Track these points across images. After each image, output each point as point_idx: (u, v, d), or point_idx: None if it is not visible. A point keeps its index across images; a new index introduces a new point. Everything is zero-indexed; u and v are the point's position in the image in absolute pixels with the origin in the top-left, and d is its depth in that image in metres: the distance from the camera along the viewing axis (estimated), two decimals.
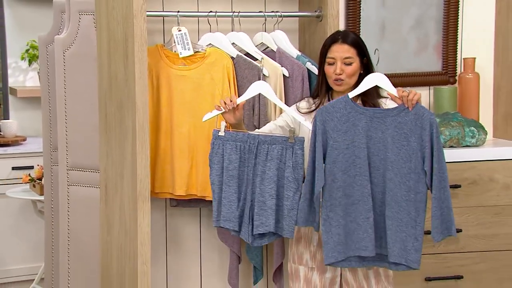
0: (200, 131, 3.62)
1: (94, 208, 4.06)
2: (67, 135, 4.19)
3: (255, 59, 3.68)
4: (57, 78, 4.18)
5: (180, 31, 3.63)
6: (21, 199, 5.44)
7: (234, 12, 3.69)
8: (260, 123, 3.62)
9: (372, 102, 3.33)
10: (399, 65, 4.35)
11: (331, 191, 3.21)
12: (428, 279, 4.02)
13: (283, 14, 3.75)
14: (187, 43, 3.63)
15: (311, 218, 3.25)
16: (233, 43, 3.71)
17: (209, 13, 3.66)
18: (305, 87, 3.67)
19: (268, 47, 3.77)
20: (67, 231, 4.23)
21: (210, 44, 3.69)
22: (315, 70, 3.66)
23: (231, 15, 3.68)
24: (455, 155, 4.01)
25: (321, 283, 3.43)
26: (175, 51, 3.64)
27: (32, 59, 5.92)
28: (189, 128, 3.62)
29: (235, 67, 3.65)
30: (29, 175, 5.29)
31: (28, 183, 5.29)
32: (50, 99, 4.39)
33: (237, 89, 3.65)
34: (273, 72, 3.65)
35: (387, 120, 3.21)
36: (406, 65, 4.37)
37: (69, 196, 4.22)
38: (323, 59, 3.37)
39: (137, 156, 3.45)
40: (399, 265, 3.24)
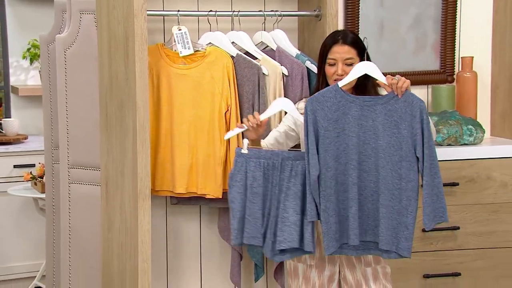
0: (200, 129, 3.63)
1: (95, 206, 4.07)
2: (68, 134, 4.20)
3: (255, 58, 3.69)
4: (58, 77, 4.18)
5: (180, 30, 3.64)
6: (23, 197, 5.45)
7: (234, 11, 3.70)
8: None
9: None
10: (397, 64, 4.34)
11: (325, 181, 3.18)
12: (426, 276, 4.03)
13: (282, 13, 3.76)
14: (187, 42, 3.64)
15: (314, 211, 3.22)
16: (233, 42, 3.72)
17: (209, 12, 3.67)
18: (305, 85, 3.68)
19: (267, 46, 3.77)
20: (68, 228, 4.23)
21: (210, 43, 3.69)
22: (314, 68, 3.67)
23: (231, 14, 3.69)
24: (453, 153, 4.02)
25: (319, 281, 3.43)
26: (175, 50, 3.64)
27: (33, 58, 5.91)
28: (189, 126, 3.63)
29: (235, 66, 3.66)
30: (31, 173, 5.29)
31: (29, 181, 5.27)
32: (51, 98, 4.38)
33: (237, 87, 3.66)
34: (272, 71, 3.66)
35: (377, 108, 3.19)
36: (404, 64, 4.37)
37: (70, 194, 4.22)
38: (323, 59, 3.36)
39: (137, 154, 3.46)
40: (390, 253, 3.22)
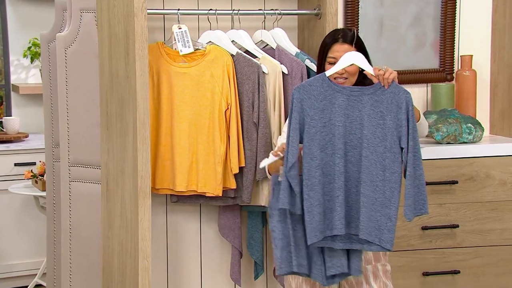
0: (200, 127, 3.63)
1: (95, 203, 4.08)
2: (68, 132, 4.21)
3: (255, 57, 3.70)
4: (58, 75, 4.19)
5: (180, 28, 3.65)
6: (24, 195, 5.46)
7: (233, 10, 3.70)
8: (259, 119, 3.63)
9: None
10: (397, 63, 4.33)
11: (310, 170, 3.16)
12: (425, 274, 4.03)
13: (282, 12, 3.76)
14: (187, 40, 3.65)
15: (292, 200, 3.17)
16: (233, 41, 3.72)
17: (209, 11, 3.68)
18: None
19: (267, 45, 3.78)
20: (69, 226, 4.24)
21: (210, 41, 3.70)
22: (314, 67, 3.67)
23: (231, 13, 3.70)
24: (452, 151, 4.03)
25: None
26: (176, 49, 3.65)
27: (34, 56, 5.92)
28: (190, 124, 3.64)
29: (235, 65, 3.66)
30: (31, 171, 5.29)
31: (30, 179, 5.28)
32: (52, 96, 4.39)
33: (237, 86, 3.67)
34: (272, 69, 3.67)
35: (364, 98, 3.17)
36: (404, 63, 4.37)
37: (70, 192, 4.23)
38: (323, 58, 3.35)
39: (137, 152, 3.47)
40: (372, 245, 3.18)
